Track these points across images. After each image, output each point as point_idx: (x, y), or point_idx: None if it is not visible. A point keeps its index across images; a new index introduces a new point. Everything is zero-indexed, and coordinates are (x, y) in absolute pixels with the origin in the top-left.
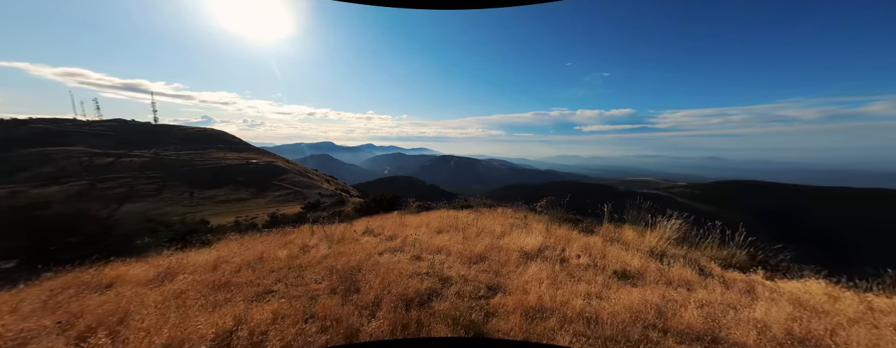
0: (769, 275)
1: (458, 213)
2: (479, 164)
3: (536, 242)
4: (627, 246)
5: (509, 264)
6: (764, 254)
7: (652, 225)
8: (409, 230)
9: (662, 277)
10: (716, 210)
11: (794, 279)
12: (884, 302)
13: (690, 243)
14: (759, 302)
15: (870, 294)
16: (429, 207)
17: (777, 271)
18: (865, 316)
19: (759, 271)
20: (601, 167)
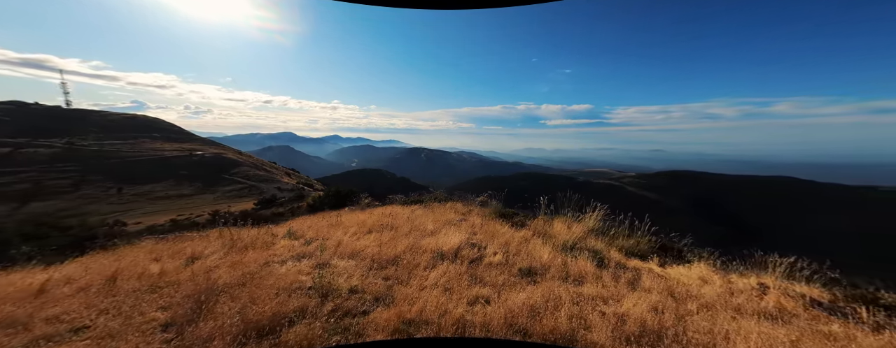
0: (663, 261)
1: (405, 209)
2: (449, 157)
3: (459, 241)
4: (550, 239)
5: (418, 268)
6: (667, 240)
7: (580, 216)
8: (339, 231)
9: (563, 272)
10: (658, 197)
11: (685, 264)
12: (742, 282)
13: (607, 233)
14: (635, 293)
15: (735, 274)
16: (383, 202)
17: (675, 256)
18: (719, 299)
19: (654, 259)
20: (563, 159)
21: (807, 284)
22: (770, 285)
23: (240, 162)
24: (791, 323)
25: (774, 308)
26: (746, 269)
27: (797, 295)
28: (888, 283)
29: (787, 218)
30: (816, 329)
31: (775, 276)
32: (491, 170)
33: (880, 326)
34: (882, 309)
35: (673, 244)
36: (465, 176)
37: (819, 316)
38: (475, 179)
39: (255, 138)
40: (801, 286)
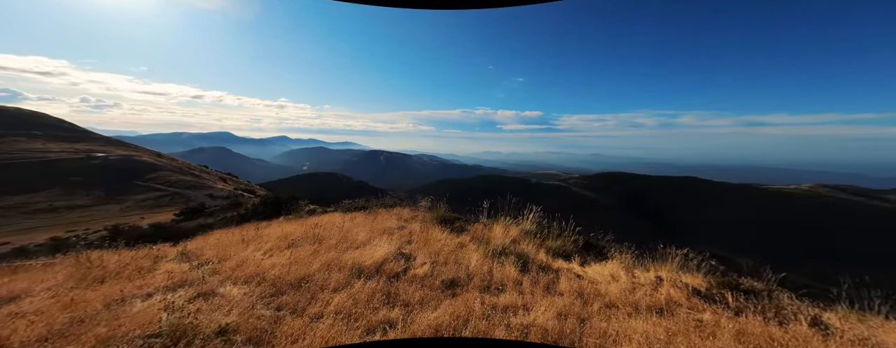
0: (585, 260)
1: (343, 217)
2: (410, 159)
3: (386, 252)
4: (485, 244)
5: (325, 290)
6: (592, 238)
7: (519, 219)
8: (250, 247)
9: (486, 281)
10: (597, 196)
11: (604, 260)
12: (644, 276)
13: (541, 235)
14: (548, 298)
15: (640, 269)
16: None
17: (597, 254)
18: (621, 296)
19: (576, 258)
20: (518, 162)
21: (697, 271)
22: (665, 278)
23: (158, 165)
24: (674, 314)
25: (665, 300)
26: (653, 262)
27: (683, 285)
28: (758, 263)
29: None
30: (692, 318)
31: (671, 268)
32: (451, 172)
33: (740, 310)
34: (742, 293)
35: (596, 241)
36: (425, 178)
37: (696, 305)
38: (435, 182)
39: (182, 138)
40: (690, 275)
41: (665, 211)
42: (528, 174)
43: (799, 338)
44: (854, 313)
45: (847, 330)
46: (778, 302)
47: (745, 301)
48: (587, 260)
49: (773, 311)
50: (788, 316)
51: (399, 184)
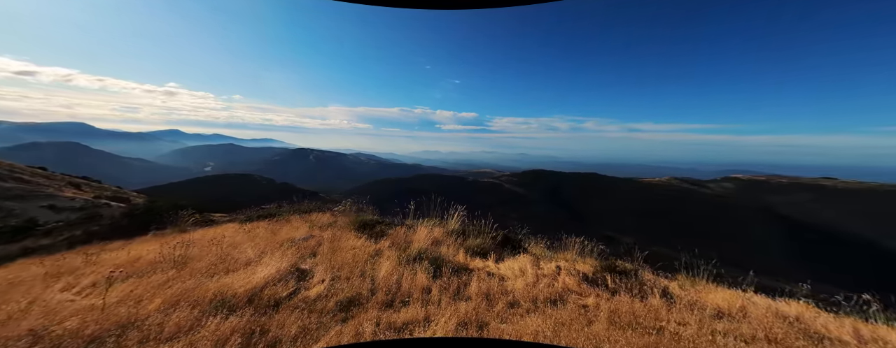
0: (501, 256)
1: (238, 229)
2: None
3: (274, 271)
4: (404, 249)
5: (151, 341)
6: (511, 232)
7: (446, 218)
8: (63, 281)
9: (391, 295)
10: (525, 192)
11: (520, 253)
12: (548, 267)
13: (464, 234)
14: (455, 305)
15: (545, 260)
16: (234, 216)
17: (514, 247)
18: (525, 291)
19: (492, 256)
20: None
21: (590, 256)
22: (563, 267)
23: None
24: (565, 302)
25: (561, 289)
26: (558, 251)
27: (576, 272)
28: (636, 241)
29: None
30: (579, 304)
31: (571, 255)
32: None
33: (616, 290)
34: (618, 274)
35: (514, 236)
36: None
37: (584, 291)
38: (373, 182)
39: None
40: (583, 261)
41: (575, 202)
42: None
43: (653, 310)
44: (689, 280)
45: (683, 296)
46: (640, 279)
47: (620, 281)
48: (503, 255)
49: (638, 288)
50: (647, 291)
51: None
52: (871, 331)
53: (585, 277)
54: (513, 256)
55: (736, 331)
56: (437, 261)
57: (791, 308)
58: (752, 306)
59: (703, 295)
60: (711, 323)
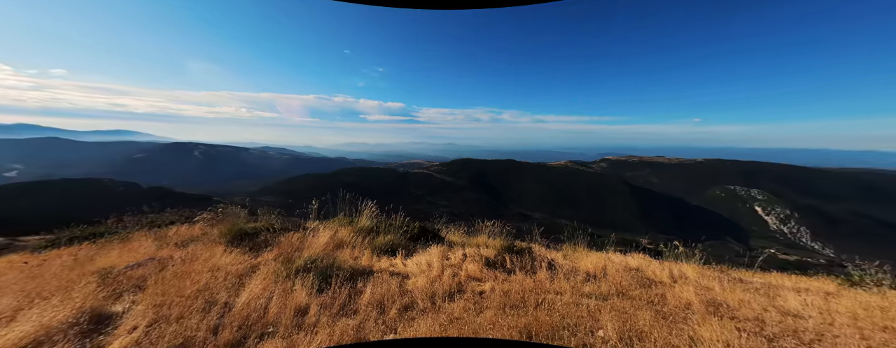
0: (411, 251)
1: (18, 261)
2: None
3: (33, 329)
4: (290, 260)
5: None
6: (429, 223)
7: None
8: None
9: (251, 324)
10: (454, 180)
11: (433, 245)
12: (456, 255)
13: (376, 231)
14: (334, 323)
15: (457, 247)
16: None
17: (430, 238)
18: (427, 288)
19: (401, 253)
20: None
21: (499, 237)
22: (469, 254)
23: None
24: (464, 291)
25: (464, 277)
26: (478, 233)
27: (480, 258)
28: (546, 215)
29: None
30: (476, 291)
31: (484, 238)
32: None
33: (513, 269)
34: (516, 254)
35: (432, 226)
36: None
37: (485, 276)
38: (287, 180)
39: None
40: (497, 240)
41: (497, 185)
42: (397, 164)
43: (539, 285)
44: (571, 249)
45: (565, 265)
46: (533, 256)
47: (517, 260)
48: (416, 249)
49: (530, 264)
50: (537, 266)
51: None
52: (679, 270)
53: (488, 262)
54: (426, 249)
55: (598, 291)
56: (328, 270)
57: (634, 260)
58: (610, 265)
59: (579, 262)
60: (581, 287)
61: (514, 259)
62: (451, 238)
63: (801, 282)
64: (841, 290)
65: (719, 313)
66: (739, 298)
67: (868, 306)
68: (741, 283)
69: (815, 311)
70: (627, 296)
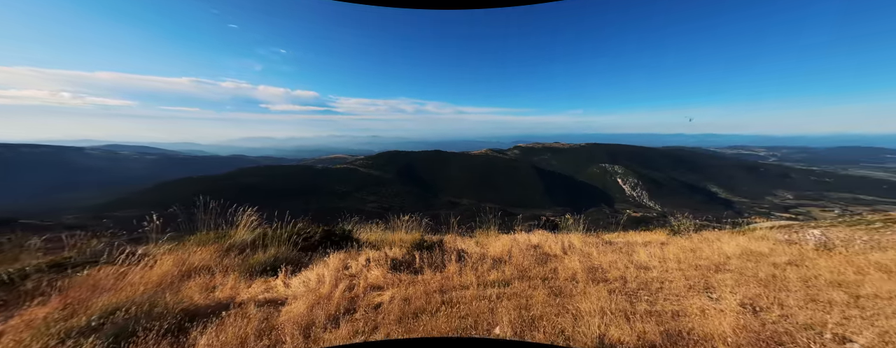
0: (302, 264)
1: None
2: (80, 155)
3: None
4: (90, 304)
5: None
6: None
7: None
8: None
9: None
10: (381, 173)
11: (336, 252)
12: (357, 263)
13: (256, 244)
14: None
15: (367, 249)
16: None
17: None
18: (304, 315)
19: (284, 269)
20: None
21: (416, 230)
22: (374, 258)
23: None
24: (357, 309)
25: (362, 289)
26: (392, 231)
27: (386, 261)
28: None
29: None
30: (372, 305)
31: (401, 234)
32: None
33: (421, 267)
34: (426, 250)
35: (341, 228)
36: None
37: (387, 282)
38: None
39: None
40: (411, 234)
41: (425, 176)
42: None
43: (447, 280)
44: (484, 234)
45: (475, 252)
46: (443, 248)
47: (428, 255)
48: (309, 261)
49: (440, 258)
50: (446, 260)
51: (55, 203)
52: (569, 241)
53: (394, 264)
54: (324, 258)
55: (502, 278)
56: (135, 323)
57: (536, 237)
58: (516, 246)
59: (489, 247)
60: (488, 274)
61: (424, 255)
62: (370, 237)
63: (646, 236)
64: (669, 239)
65: (596, 278)
66: (609, 260)
67: (684, 249)
68: (610, 246)
69: (656, 261)
70: (527, 277)
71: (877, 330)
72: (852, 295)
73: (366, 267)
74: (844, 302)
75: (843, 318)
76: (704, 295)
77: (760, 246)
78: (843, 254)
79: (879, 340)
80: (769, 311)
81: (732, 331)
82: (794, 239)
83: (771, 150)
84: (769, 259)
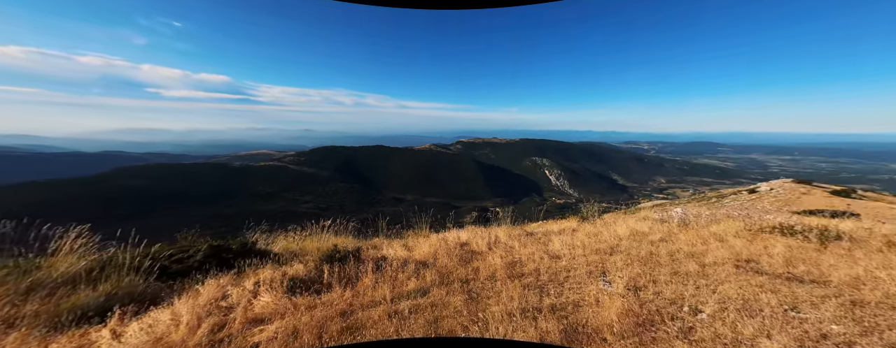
0: (146, 304)
1: None
2: None
3: None
4: None
5: None
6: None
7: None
8: None
9: None
10: (316, 170)
11: (208, 279)
12: (238, 292)
13: (103, 273)
14: None
15: (257, 274)
16: None
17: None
18: None
19: (117, 314)
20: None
21: (346, 234)
22: (265, 279)
23: None
24: None
25: (242, 323)
26: (309, 237)
27: (282, 283)
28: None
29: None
30: (244, 345)
31: (317, 243)
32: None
33: (330, 284)
34: (339, 262)
35: (243, 239)
36: None
37: (277, 310)
38: None
39: None
40: (336, 240)
41: (368, 173)
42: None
43: (358, 296)
44: (413, 235)
45: (398, 259)
46: (360, 257)
47: (341, 268)
48: (165, 296)
49: (355, 270)
50: (362, 271)
51: None
52: (495, 235)
53: (294, 284)
54: (195, 286)
55: (422, 286)
56: None
57: (466, 233)
58: (444, 245)
59: (417, 249)
60: (406, 284)
61: (335, 269)
62: (290, 246)
63: (562, 224)
64: (579, 226)
65: (514, 273)
66: (528, 252)
67: (590, 234)
68: (531, 237)
69: (566, 249)
70: (448, 281)
71: (717, 297)
72: (700, 264)
73: (253, 293)
74: (696, 272)
75: (695, 289)
76: (601, 280)
77: (642, 226)
78: (695, 228)
79: (720, 307)
80: (646, 290)
81: (618, 319)
82: (665, 217)
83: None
84: (648, 237)
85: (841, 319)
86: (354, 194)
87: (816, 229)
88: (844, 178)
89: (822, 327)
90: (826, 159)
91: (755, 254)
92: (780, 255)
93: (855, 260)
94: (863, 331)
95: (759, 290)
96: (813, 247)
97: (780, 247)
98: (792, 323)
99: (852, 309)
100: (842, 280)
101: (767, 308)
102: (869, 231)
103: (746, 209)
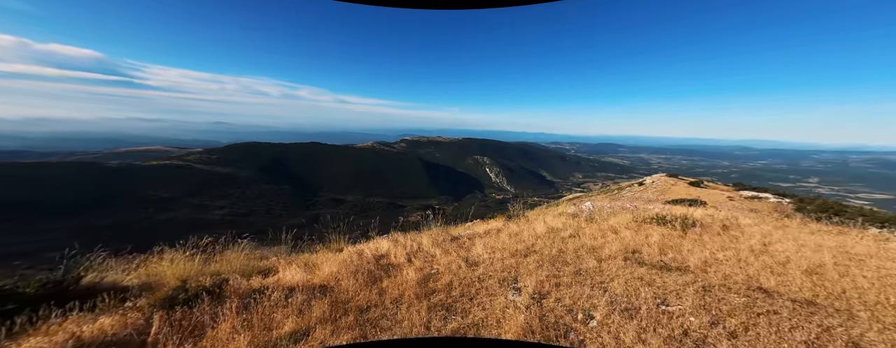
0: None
1: None
2: None
3: None
4: None
5: None
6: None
7: None
8: None
9: None
10: (232, 170)
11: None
12: None
13: None
14: None
15: None
16: None
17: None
18: None
19: None
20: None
21: (237, 251)
22: (49, 344)
23: None
24: None
25: None
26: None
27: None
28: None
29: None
30: None
31: (164, 265)
32: None
33: (155, 345)
34: (186, 305)
35: (80, 277)
36: None
37: None
38: None
39: None
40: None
41: (301, 172)
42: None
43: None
44: (326, 249)
45: (281, 287)
46: (222, 294)
47: (184, 315)
48: None
49: (212, 312)
50: (221, 314)
51: None
52: (418, 243)
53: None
54: None
55: (303, 326)
56: None
57: (386, 243)
58: (354, 261)
59: (319, 269)
60: (284, 324)
61: (177, 315)
62: (160, 270)
63: (489, 224)
64: (505, 225)
65: (426, 291)
66: (447, 261)
67: (512, 234)
68: (455, 242)
69: (487, 253)
70: (341, 313)
71: (607, 298)
72: (598, 259)
73: None
74: (594, 268)
75: (591, 291)
76: (511, 289)
77: (558, 222)
78: (598, 221)
79: (609, 310)
80: (549, 297)
81: (521, 335)
82: (577, 211)
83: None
84: (561, 234)
85: (697, 310)
86: (284, 197)
87: (679, 218)
88: (697, 172)
89: (684, 322)
90: (686, 157)
91: (639, 244)
92: (656, 244)
93: (704, 244)
94: (711, 321)
95: (639, 284)
96: (678, 234)
97: (656, 237)
98: (661, 321)
99: (704, 296)
100: (696, 264)
101: (644, 305)
102: (711, 217)
103: (637, 199)
